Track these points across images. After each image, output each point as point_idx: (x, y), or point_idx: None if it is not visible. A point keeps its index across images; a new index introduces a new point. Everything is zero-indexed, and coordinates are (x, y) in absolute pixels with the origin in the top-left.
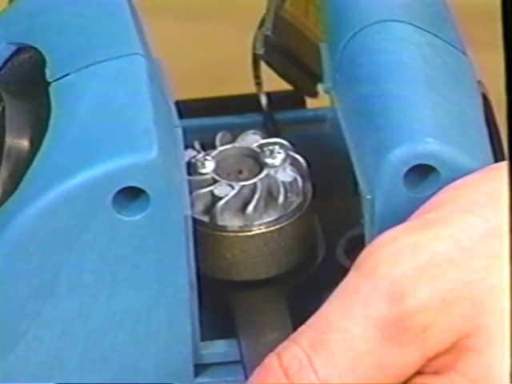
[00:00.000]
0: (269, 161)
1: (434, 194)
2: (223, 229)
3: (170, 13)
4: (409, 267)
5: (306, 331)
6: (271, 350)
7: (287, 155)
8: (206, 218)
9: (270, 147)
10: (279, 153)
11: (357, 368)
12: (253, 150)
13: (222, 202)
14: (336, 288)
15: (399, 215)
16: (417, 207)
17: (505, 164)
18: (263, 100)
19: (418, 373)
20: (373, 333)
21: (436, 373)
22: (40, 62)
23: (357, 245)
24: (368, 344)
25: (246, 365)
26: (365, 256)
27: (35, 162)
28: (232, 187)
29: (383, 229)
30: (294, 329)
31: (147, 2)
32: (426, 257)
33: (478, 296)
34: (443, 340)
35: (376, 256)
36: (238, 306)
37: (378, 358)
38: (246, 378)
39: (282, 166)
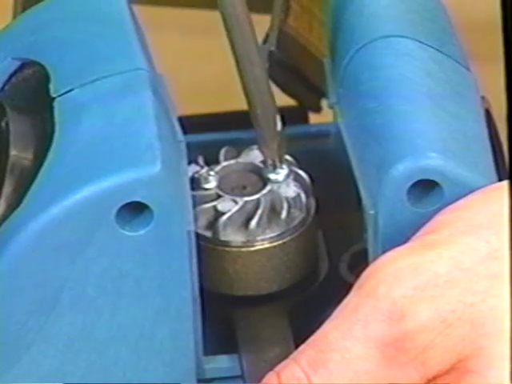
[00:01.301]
0: (272, 176)
1: (436, 209)
2: (226, 244)
3: (174, 28)
4: (409, 288)
5: (306, 350)
6: (272, 366)
7: (290, 171)
8: (208, 233)
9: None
10: (282, 168)
11: None
12: (256, 166)
13: (225, 217)
14: (339, 304)
15: (402, 230)
16: (420, 222)
17: (505, 184)
18: None
19: None
20: (372, 352)
21: None
22: (44, 78)
23: (360, 260)
24: (367, 364)
25: (247, 381)
26: (366, 276)
27: (39, 177)
28: (235, 202)
29: (386, 244)
30: (296, 345)
31: (151, 17)
32: (426, 277)
33: (479, 318)
34: (443, 361)
35: (377, 276)
36: (239, 322)
37: (377, 378)
38: None
39: (285, 181)
